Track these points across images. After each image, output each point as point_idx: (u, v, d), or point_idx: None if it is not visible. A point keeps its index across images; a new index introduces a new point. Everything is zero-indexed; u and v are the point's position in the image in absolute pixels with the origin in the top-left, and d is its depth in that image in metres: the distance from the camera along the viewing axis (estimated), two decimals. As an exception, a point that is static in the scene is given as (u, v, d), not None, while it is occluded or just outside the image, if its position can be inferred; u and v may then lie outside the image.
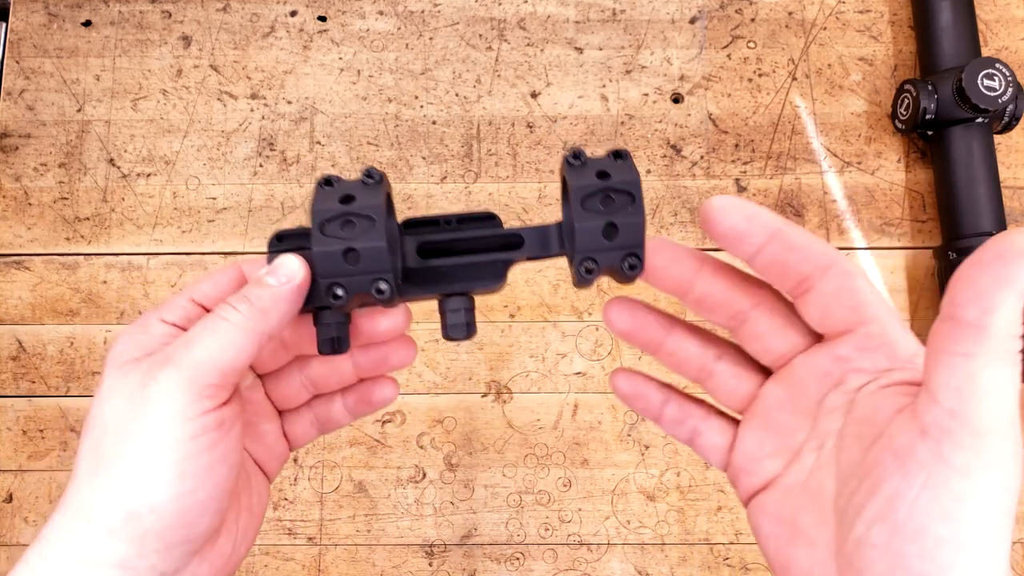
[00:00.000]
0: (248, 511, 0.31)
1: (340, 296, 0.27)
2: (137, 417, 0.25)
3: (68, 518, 0.25)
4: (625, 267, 0.27)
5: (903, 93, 0.58)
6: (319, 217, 0.27)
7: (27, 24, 0.62)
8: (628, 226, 0.26)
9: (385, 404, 0.33)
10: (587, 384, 0.56)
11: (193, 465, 0.25)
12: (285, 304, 0.27)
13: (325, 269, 0.27)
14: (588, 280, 0.27)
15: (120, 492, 0.25)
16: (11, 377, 0.57)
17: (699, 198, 0.59)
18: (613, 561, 0.54)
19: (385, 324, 0.31)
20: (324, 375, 0.32)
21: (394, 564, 0.54)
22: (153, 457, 0.25)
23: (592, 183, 0.27)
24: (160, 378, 0.25)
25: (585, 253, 0.27)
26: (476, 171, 0.60)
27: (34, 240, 0.59)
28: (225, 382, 0.26)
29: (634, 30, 0.62)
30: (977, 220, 0.55)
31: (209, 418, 0.26)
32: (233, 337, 0.26)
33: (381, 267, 0.26)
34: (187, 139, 0.60)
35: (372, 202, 0.27)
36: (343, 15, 0.62)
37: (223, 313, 0.27)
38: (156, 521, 0.25)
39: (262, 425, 0.32)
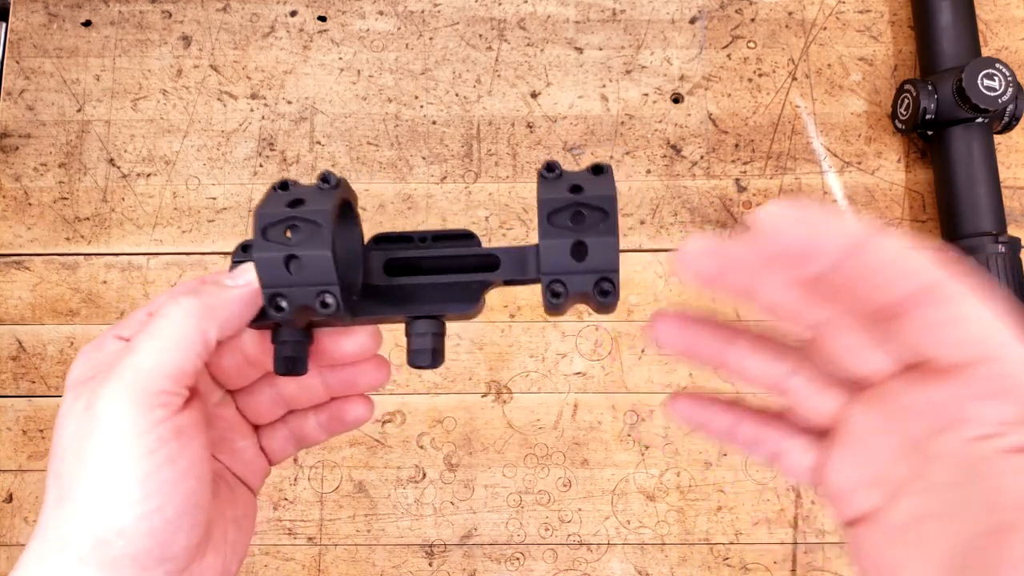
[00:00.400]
0: (235, 524, 0.30)
1: (283, 308, 0.25)
2: (90, 439, 0.24)
3: (41, 547, 0.24)
4: (597, 293, 0.24)
5: (903, 93, 0.58)
6: (262, 221, 0.25)
7: (27, 24, 0.62)
8: (599, 245, 0.24)
9: (358, 424, 0.32)
10: (587, 384, 0.56)
11: (156, 481, 0.24)
12: (236, 306, 0.26)
13: (267, 277, 0.25)
14: (556, 306, 0.25)
15: (85, 518, 0.24)
16: (11, 377, 0.57)
17: (699, 198, 0.59)
18: (613, 561, 0.54)
19: (349, 346, 0.29)
20: (294, 392, 0.31)
21: (394, 564, 0.54)
22: (113, 479, 0.24)
23: (561, 197, 0.24)
24: (103, 394, 0.24)
25: (552, 275, 0.24)
26: (476, 171, 0.60)
27: (34, 240, 0.59)
28: (174, 387, 0.25)
29: (634, 30, 0.62)
30: (977, 220, 0.55)
31: (164, 428, 0.24)
32: (176, 337, 0.25)
33: (326, 278, 0.24)
34: (187, 139, 0.60)
35: (320, 207, 0.24)
36: (343, 15, 0.62)
37: (164, 311, 0.25)
38: (126, 545, 0.24)
39: (238, 441, 0.31)
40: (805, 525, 0.54)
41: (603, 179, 0.24)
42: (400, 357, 0.57)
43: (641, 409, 0.56)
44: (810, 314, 0.24)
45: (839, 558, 0.54)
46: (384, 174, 0.60)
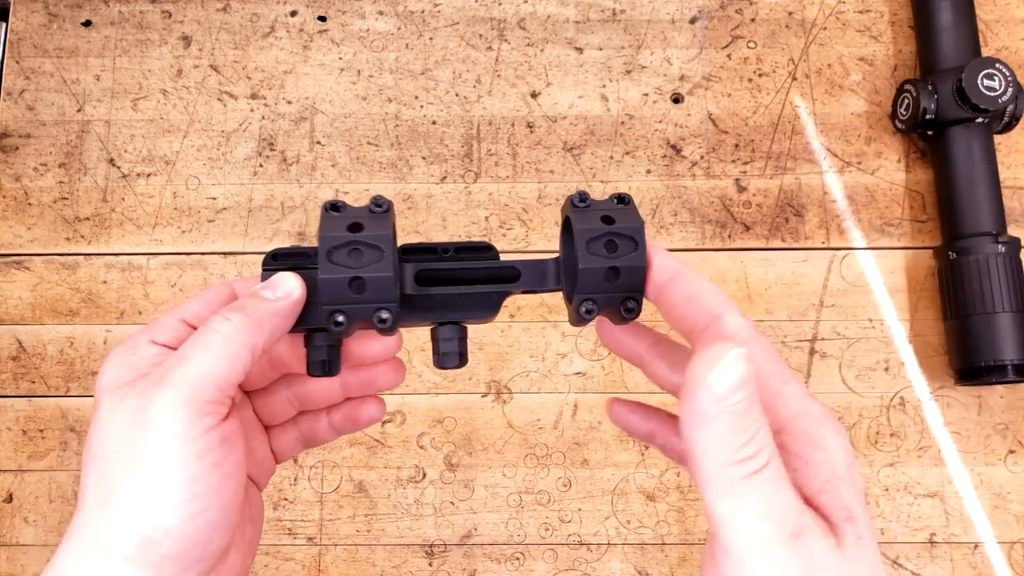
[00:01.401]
0: (251, 522, 0.31)
1: (341, 323, 0.27)
2: (140, 442, 0.25)
3: (82, 548, 0.25)
4: (623, 310, 0.27)
5: (903, 93, 0.58)
6: (327, 244, 0.26)
7: (27, 24, 0.62)
8: (630, 271, 0.27)
9: (371, 423, 0.33)
10: (587, 384, 0.56)
11: (202, 485, 0.25)
12: (279, 319, 0.27)
13: (330, 296, 0.26)
14: (586, 320, 0.28)
15: (133, 519, 0.25)
16: (11, 377, 0.57)
17: (699, 198, 0.59)
18: (613, 561, 0.54)
19: (376, 348, 0.31)
20: (312, 393, 0.32)
21: (394, 564, 0.54)
22: (162, 481, 0.25)
23: (597, 227, 0.27)
24: (158, 399, 0.25)
25: (586, 295, 0.27)
26: (476, 171, 0.60)
27: (34, 240, 0.59)
28: (223, 396, 0.26)
29: (634, 30, 0.62)
30: (977, 220, 0.55)
31: (212, 436, 0.25)
32: (226, 350, 0.26)
33: (386, 297, 0.27)
34: (187, 139, 0.60)
35: (381, 232, 0.27)
36: (343, 15, 0.62)
37: (214, 325, 0.26)
38: (171, 545, 0.25)
39: (251, 441, 0.32)
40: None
41: (629, 210, 0.28)
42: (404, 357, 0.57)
43: (641, 409, 0.56)
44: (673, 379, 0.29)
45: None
46: (384, 174, 0.60)
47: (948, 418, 0.56)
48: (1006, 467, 0.55)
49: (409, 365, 0.57)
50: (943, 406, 0.56)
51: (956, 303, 0.54)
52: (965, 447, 0.55)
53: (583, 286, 0.27)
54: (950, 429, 0.55)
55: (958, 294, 0.54)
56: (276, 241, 0.59)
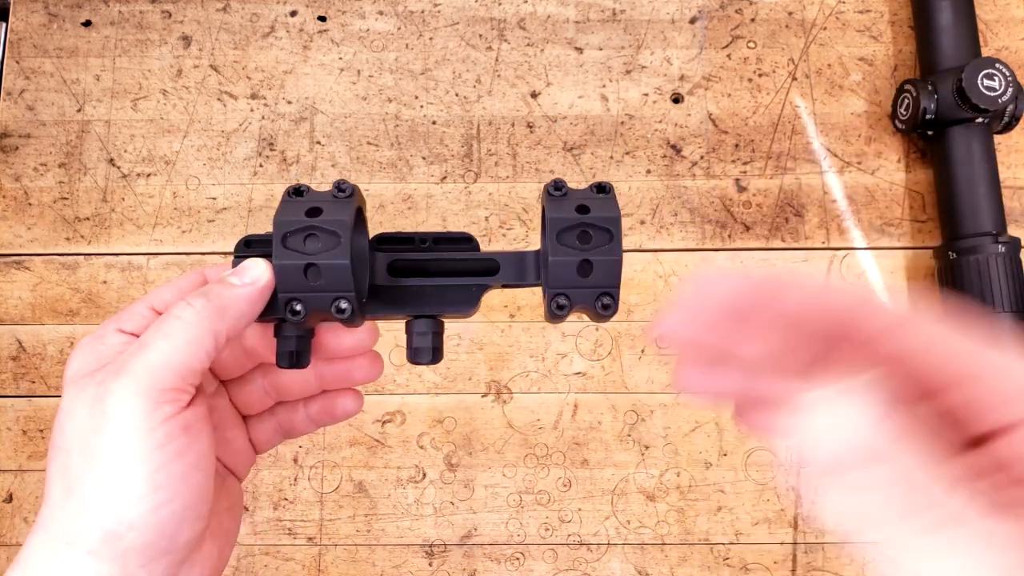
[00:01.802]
0: (228, 513, 0.30)
1: (298, 312, 0.26)
2: (99, 433, 0.24)
3: (46, 542, 0.25)
4: (598, 306, 0.26)
5: (903, 93, 0.58)
6: (282, 229, 0.26)
7: (27, 24, 0.62)
8: (604, 264, 0.25)
9: (347, 416, 0.32)
10: (587, 384, 0.56)
11: (165, 475, 0.25)
12: (245, 305, 0.27)
13: (285, 283, 0.26)
14: (559, 316, 0.26)
15: (95, 512, 0.24)
16: (11, 377, 0.57)
17: (699, 198, 0.59)
18: (613, 561, 0.54)
19: (349, 342, 0.30)
20: (287, 384, 0.32)
21: (394, 564, 0.54)
22: (123, 472, 0.24)
23: (571, 216, 0.26)
24: (114, 389, 0.24)
25: (557, 288, 0.26)
26: (476, 171, 0.60)
27: (34, 240, 0.59)
28: (184, 384, 0.25)
29: (634, 30, 0.62)
30: (977, 220, 0.55)
31: (173, 424, 0.25)
32: (188, 336, 0.25)
33: (343, 286, 0.25)
34: (187, 139, 0.60)
35: (338, 217, 0.26)
36: (343, 15, 0.62)
37: (176, 311, 0.26)
38: (136, 537, 0.24)
39: (228, 431, 0.32)
40: (805, 525, 0.54)
41: (607, 200, 0.26)
42: (400, 357, 0.57)
43: (641, 409, 0.56)
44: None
45: (839, 558, 0.54)
46: (384, 174, 0.60)
47: (948, 418, 0.55)
48: (1006, 467, 0.55)
49: (409, 365, 0.57)
50: (943, 406, 0.56)
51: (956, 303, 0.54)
52: (965, 447, 0.55)
53: (555, 280, 0.26)
54: (950, 429, 0.55)
55: (958, 294, 0.54)
56: (276, 241, 0.59)
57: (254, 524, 0.54)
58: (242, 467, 0.32)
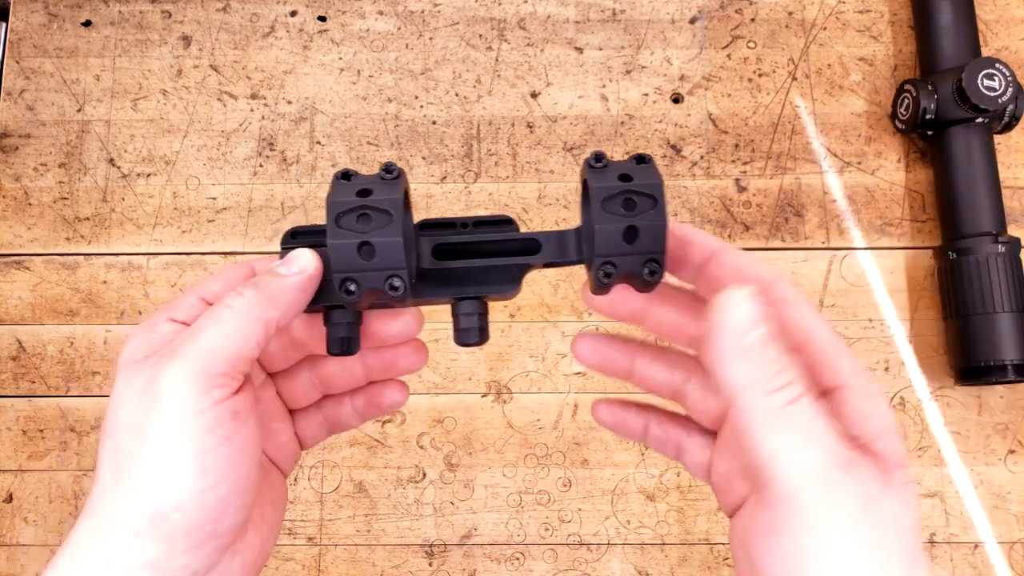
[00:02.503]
0: (271, 505, 0.31)
1: (353, 291, 0.26)
2: (150, 415, 0.25)
3: (95, 523, 0.25)
4: (645, 273, 0.26)
5: (903, 93, 0.58)
6: (335, 209, 0.26)
7: (27, 24, 0.62)
8: (650, 229, 0.25)
9: (393, 408, 0.33)
10: (587, 384, 0.56)
11: (213, 459, 0.25)
12: (294, 293, 0.27)
13: (339, 262, 0.26)
14: (606, 285, 0.26)
15: (144, 493, 0.24)
16: (11, 377, 0.57)
17: (699, 198, 0.59)
18: (613, 561, 0.54)
19: (396, 328, 0.30)
20: (334, 375, 0.32)
21: (394, 564, 0.54)
22: (172, 454, 0.25)
23: (613, 184, 0.26)
24: (167, 372, 0.25)
25: (604, 256, 0.26)
26: (476, 171, 0.60)
27: (34, 240, 0.59)
28: (234, 371, 0.26)
29: (634, 30, 0.62)
30: (977, 220, 0.55)
31: (223, 409, 0.25)
32: (239, 324, 0.26)
33: (396, 263, 0.26)
34: (187, 139, 0.60)
35: (390, 196, 0.26)
36: (343, 15, 0.62)
37: (228, 301, 0.26)
38: (182, 519, 0.24)
39: (274, 423, 0.32)
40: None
41: (648, 168, 0.26)
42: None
43: (641, 409, 0.56)
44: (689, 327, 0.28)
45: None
46: (384, 174, 0.60)
47: (948, 418, 0.56)
48: (1006, 467, 0.55)
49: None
50: (943, 406, 0.56)
51: (956, 303, 0.54)
52: (965, 447, 0.55)
53: (601, 247, 0.25)
54: (950, 429, 0.55)
55: (958, 294, 0.54)
56: (276, 241, 0.59)
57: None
58: (287, 461, 0.33)
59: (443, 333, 0.57)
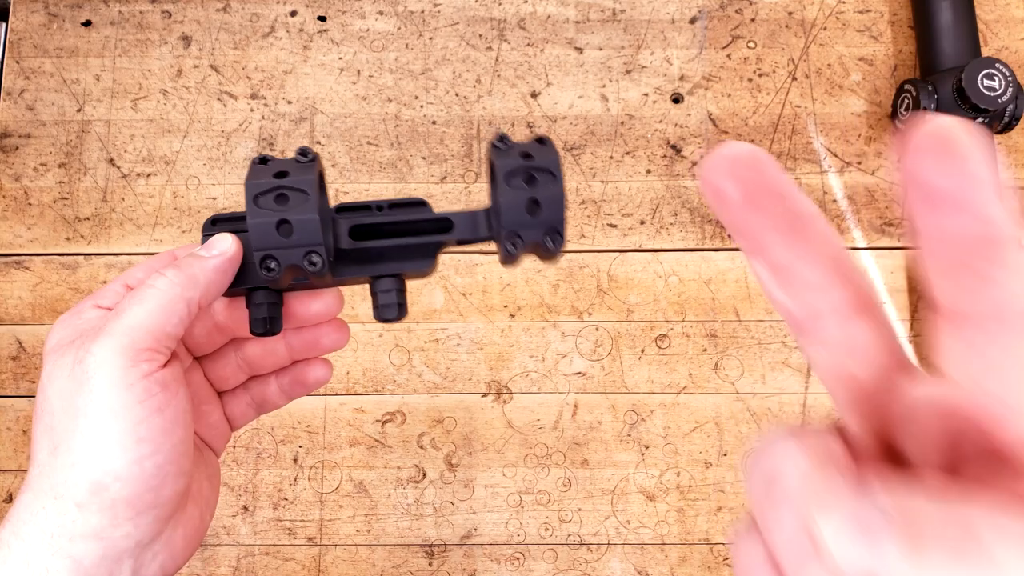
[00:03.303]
0: (208, 481, 0.31)
1: (273, 269, 0.27)
2: (81, 391, 0.25)
3: (35, 498, 0.26)
4: (548, 243, 0.28)
5: (903, 93, 0.58)
6: (253, 191, 0.27)
7: (27, 24, 0.62)
8: (550, 200, 0.27)
9: (318, 385, 0.34)
10: (587, 384, 0.56)
11: (147, 428, 0.26)
12: (215, 274, 0.28)
13: (259, 240, 0.27)
14: (513, 256, 0.28)
15: (82, 465, 0.25)
16: (11, 377, 0.57)
17: (699, 198, 0.59)
18: (613, 561, 0.54)
19: (317, 307, 0.31)
20: (259, 357, 0.33)
21: (394, 564, 0.54)
22: (106, 426, 0.25)
23: (515, 162, 0.28)
24: (94, 350, 0.26)
25: (511, 228, 0.27)
26: (476, 171, 0.60)
27: (34, 240, 0.59)
28: (159, 345, 0.27)
29: (634, 30, 0.62)
30: (977, 220, 0.54)
31: (152, 381, 0.26)
32: (161, 302, 0.27)
33: (314, 239, 0.27)
34: (187, 139, 0.60)
35: (305, 177, 0.27)
36: (343, 15, 0.62)
37: (150, 281, 0.27)
38: (121, 488, 0.25)
39: (203, 405, 0.33)
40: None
41: (548, 147, 0.28)
42: (400, 357, 0.57)
43: (641, 409, 0.56)
44: None
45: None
46: (384, 174, 0.60)
47: (948, 418, 0.55)
48: (1006, 467, 0.55)
49: (409, 365, 0.57)
50: (943, 406, 0.56)
51: (956, 303, 0.54)
52: (965, 447, 0.55)
53: (507, 220, 0.27)
54: (950, 429, 0.55)
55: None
56: (276, 241, 0.59)
57: (254, 524, 0.54)
58: (218, 441, 0.33)
59: (442, 333, 0.57)
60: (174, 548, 0.28)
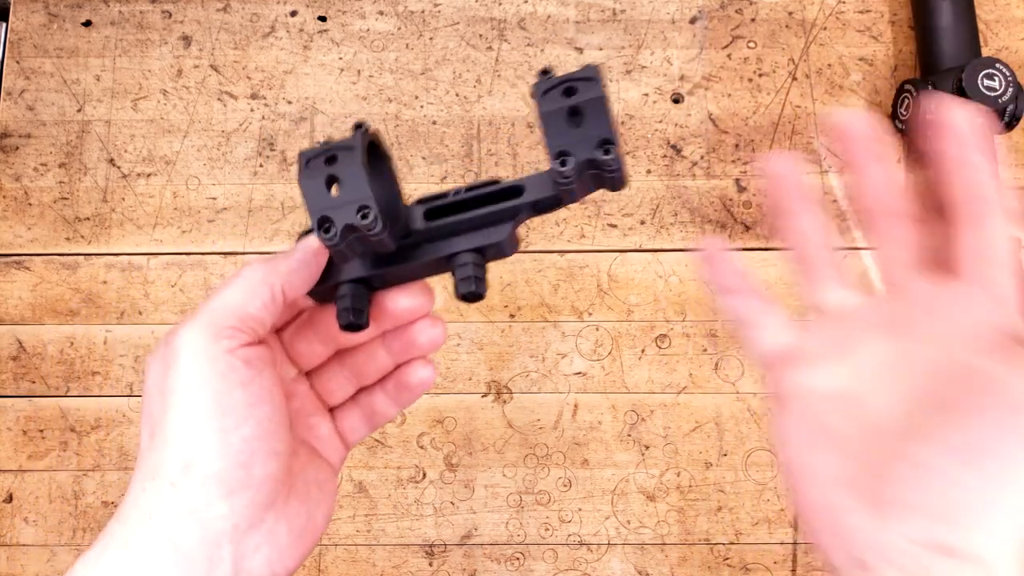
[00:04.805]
0: (317, 487, 0.31)
1: (331, 232, 0.27)
2: (169, 371, 0.26)
3: (137, 482, 0.26)
4: (600, 155, 0.26)
5: (903, 93, 0.58)
6: (304, 157, 0.28)
7: (27, 24, 0.62)
8: (591, 105, 0.26)
9: (423, 386, 0.33)
10: (587, 384, 0.56)
11: (230, 400, 0.26)
12: (297, 264, 0.29)
13: (312, 201, 0.27)
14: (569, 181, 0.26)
15: (172, 444, 0.26)
16: (11, 377, 0.57)
17: (699, 198, 0.59)
18: (613, 561, 0.54)
19: (406, 302, 0.31)
20: (362, 364, 0.33)
21: (394, 564, 0.54)
22: (191, 401, 0.26)
23: (552, 80, 0.27)
24: (181, 333, 0.27)
25: (557, 147, 0.26)
26: (476, 171, 0.60)
27: (34, 240, 0.59)
28: (242, 325, 0.27)
29: (634, 30, 0.62)
30: (977, 220, 0.54)
31: (235, 357, 0.27)
32: (244, 286, 0.28)
33: (362, 193, 0.27)
34: (187, 139, 0.60)
35: (349, 141, 0.28)
36: (343, 15, 0.62)
37: (239, 271, 0.29)
38: (210, 463, 0.26)
39: (310, 418, 0.33)
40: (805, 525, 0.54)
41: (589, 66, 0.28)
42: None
43: (641, 409, 0.56)
44: None
45: (839, 558, 0.54)
46: (384, 174, 0.60)
47: (948, 418, 0.55)
48: (1006, 467, 0.55)
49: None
50: (943, 406, 0.56)
51: (956, 303, 0.54)
52: (965, 447, 0.55)
53: (550, 135, 0.26)
54: (950, 429, 0.55)
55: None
56: (276, 241, 0.59)
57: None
58: (334, 456, 0.33)
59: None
60: (279, 543, 0.27)
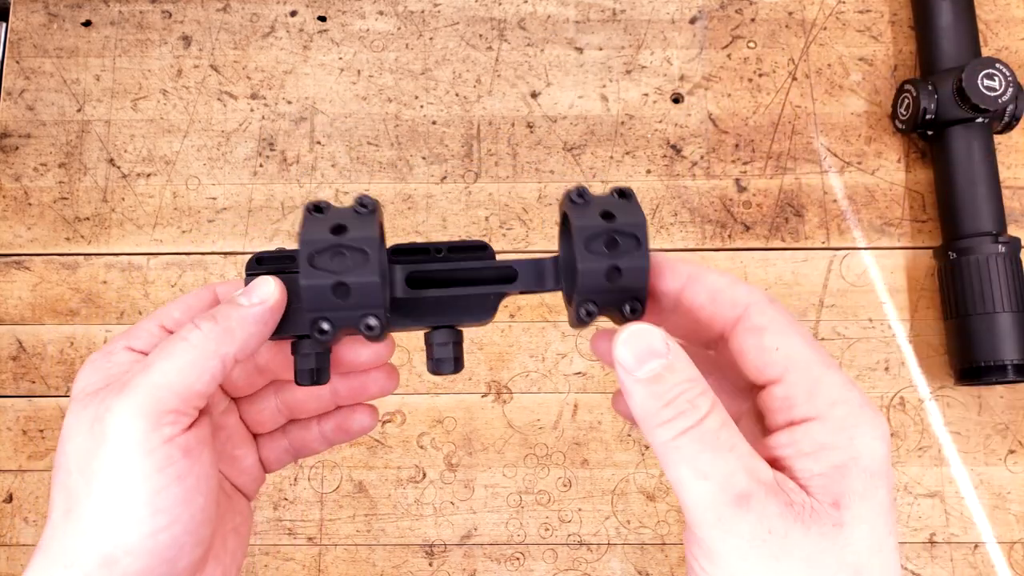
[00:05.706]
0: (234, 532, 0.30)
1: (326, 331, 0.26)
2: (98, 453, 0.24)
3: (46, 563, 0.24)
4: (627, 311, 0.26)
5: (903, 93, 0.58)
6: (308, 248, 0.25)
7: (27, 24, 0.62)
8: (632, 271, 0.25)
9: (362, 433, 0.32)
10: (587, 384, 0.56)
11: (165, 499, 0.24)
12: (254, 327, 0.26)
13: (312, 302, 0.25)
14: (586, 323, 0.26)
15: (93, 535, 0.24)
16: (11, 377, 0.57)
17: (699, 198, 0.59)
18: (613, 561, 0.54)
19: (367, 355, 0.30)
20: (300, 401, 0.31)
21: (394, 564, 0.54)
22: (121, 495, 0.24)
23: (597, 224, 0.25)
24: (115, 408, 0.24)
25: (587, 295, 0.26)
26: (476, 171, 0.60)
27: (34, 240, 0.59)
28: (186, 406, 0.25)
29: (634, 30, 0.62)
30: (977, 220, 0.55)
31: (174, 446, 0.24)
32: (192, 358, 0.25)
33: (373, 303, 0.25)
34: (187, 139, 0.60)
35: (365, 234, 0.25)
36: (343, 15, 0.62)
37: (184, 333, 0.25)
38: (132, 563, 0.24)
39: (237, 449, 0.31)
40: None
41: (630, 204, 0.26)
42: (400, 358, 0.57)
43: (641, 409, 0.56)
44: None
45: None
46: (384, 174, 0.60)
47: (948, 418, 0.56)
48: (1006, 467, 0.55)
49: (409, 365, 0.57)
50: (943, 406, 0.56)
51: (956, 303, 0.54)
52: (965, 447, 0.55)
53: (583, 287, 0.25)
54: (950, 429, 0.55)
55: (958, 294, 0.54)
56: (276, 241, 0.59)
57: (254, 524, 0.54)
58: (251, 486, 0.32)
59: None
60: None
